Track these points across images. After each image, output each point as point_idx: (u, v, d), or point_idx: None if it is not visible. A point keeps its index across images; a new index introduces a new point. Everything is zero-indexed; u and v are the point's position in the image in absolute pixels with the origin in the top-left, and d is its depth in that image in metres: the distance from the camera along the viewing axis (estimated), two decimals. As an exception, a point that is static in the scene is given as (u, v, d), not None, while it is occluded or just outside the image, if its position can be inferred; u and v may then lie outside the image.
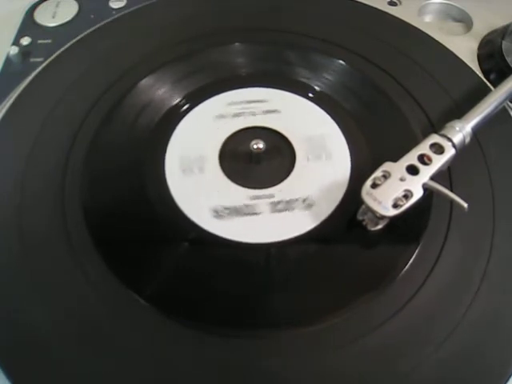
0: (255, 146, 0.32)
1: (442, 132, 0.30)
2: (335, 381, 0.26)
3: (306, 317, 0.28)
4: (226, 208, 0.31)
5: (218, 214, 0.31)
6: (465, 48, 0.41)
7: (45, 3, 0.45)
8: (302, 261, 0.29)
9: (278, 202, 0.32)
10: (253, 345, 0.27)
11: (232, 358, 0.26)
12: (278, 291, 0.29)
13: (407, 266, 0.29)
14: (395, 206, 0.27)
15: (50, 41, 0.42)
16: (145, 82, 0.37)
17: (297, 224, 0.30)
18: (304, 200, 0.32)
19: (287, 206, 0.31)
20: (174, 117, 0.36)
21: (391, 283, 0.28)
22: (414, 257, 0.29)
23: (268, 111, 0.36)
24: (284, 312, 0.28)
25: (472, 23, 0.43)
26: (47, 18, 0.44)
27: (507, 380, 0.26)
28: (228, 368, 0.26)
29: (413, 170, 0.28)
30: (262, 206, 0.31)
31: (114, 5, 0.45)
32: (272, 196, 0.32)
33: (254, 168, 0.33)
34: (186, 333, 0.27)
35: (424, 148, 0.29)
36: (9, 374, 0.26)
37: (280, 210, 0.31)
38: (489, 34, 0.42)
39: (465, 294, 0.28)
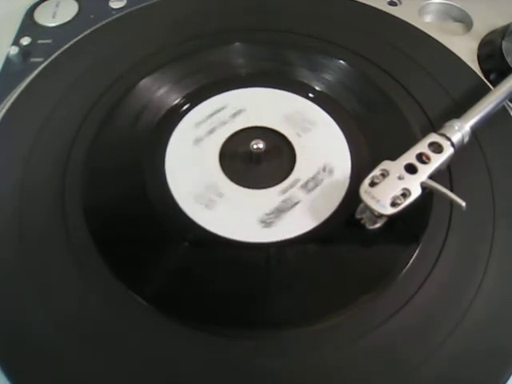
0: (255, 146, 0.32)
1: (441, 131, 0.30)
2: (335, 381, 0.26)
3: (306, 317, 0.28)
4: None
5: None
6: (465, 48, 0.41)
7: (45, 3, 0.45)
8: (302, 260, 0.29)
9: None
10: (253, 345, 0.27)
11: (232, 358, 0.26)
12: (278, 291, 0.29)
13: (407, 266, 0.29)
14: (393, 204, 0.27)
15: (50, 41, 0.42)
16: (145, 82, 0.37)
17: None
18: (324, 168, 0.33)
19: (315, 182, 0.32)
20: (173, 117, 0.36)
21: (391, 283, 0.28)
22: (414, 256, 0.29)
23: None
24: (284, 312, 0.28)
25: (472, 23, 0.43)
26: (47, 18, 0.44)
27: (507, 380, 0.26)
28: (228, 368, 0.26)
29: (411, 169, 0.28)
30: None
31: (114, 5, 0.45)
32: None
33: (254, 168, 0.33)
34: (185, 333, 0.27)
35: (423, 147, 0.29)
36: (9, 374, 0.26)
37: (311, 189, 0.32)
38: (489, 34, 0.42)
39: (465, 294, 0.28)
